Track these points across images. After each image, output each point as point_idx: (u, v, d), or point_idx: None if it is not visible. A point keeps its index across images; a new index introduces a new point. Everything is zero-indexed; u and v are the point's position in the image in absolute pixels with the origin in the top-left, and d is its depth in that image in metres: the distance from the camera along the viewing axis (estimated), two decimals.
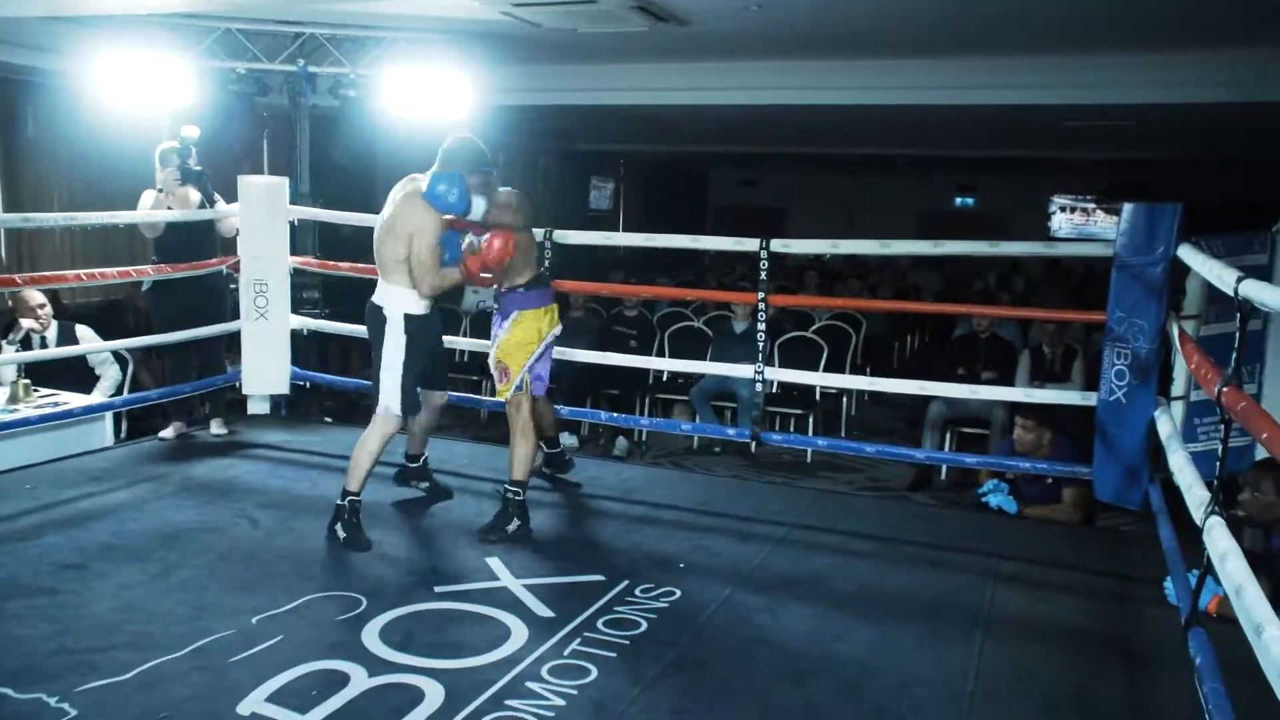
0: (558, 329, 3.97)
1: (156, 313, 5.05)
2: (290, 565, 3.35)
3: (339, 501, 3.61)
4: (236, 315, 5.13)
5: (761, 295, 4.49)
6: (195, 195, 4.95)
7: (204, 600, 3.04)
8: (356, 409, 6.94)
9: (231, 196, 5.07)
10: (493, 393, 6.84)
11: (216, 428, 5.05)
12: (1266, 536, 3.22)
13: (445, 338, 4.10)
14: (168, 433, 4.94)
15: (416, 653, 2.73)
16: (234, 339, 5.21)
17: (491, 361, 3.90)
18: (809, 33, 5.94)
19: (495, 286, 3.88)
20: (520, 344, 3.84)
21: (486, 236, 3.58)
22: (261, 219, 5.03)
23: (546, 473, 4.35)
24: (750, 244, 4.38)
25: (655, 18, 5.39)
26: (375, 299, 3.64)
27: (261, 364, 5.12)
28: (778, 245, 4.39)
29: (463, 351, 7.51)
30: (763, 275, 4.46)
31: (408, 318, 3.59)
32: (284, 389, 5.26)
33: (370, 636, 2.82)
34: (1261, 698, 1.74)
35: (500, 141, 11.88)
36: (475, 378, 7.35)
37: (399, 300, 3.59)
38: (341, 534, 3.56)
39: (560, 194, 14.40)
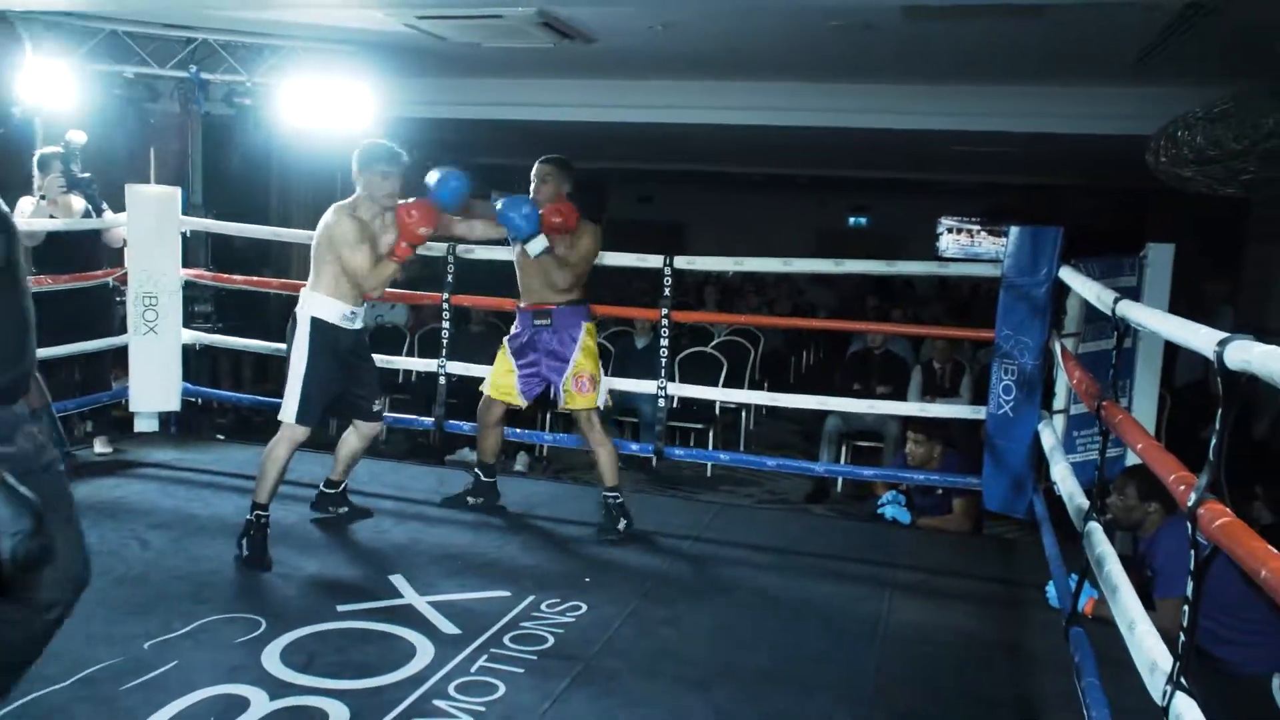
0: None
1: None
2: (185, 587, 3.23)
3: (249, 515, 3.51)
4: (123, 329, 4.93)
5: (664, 311, 4.55)
6: (79, 203, 4.75)
7: (90, 628, 2.89)
8: (250, 425, 6.74)
9: (115, 205, 4.88)
10: (393, 408, 6.75)
11: (101, 446, 4.83)
12: (1135, 540, 3.43)
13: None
14: None
15: (320, 674, 2.67)
16: (120, 354, 5.01)
17: (567, 375, 3.90)
18: (711, 54, 6.07)
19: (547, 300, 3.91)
20: (593, 353, 3.94)
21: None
22: (152, 230, 4.85)
23: (472, 502, 4.21)
24: (654, 260, 4.45)
25: (561, 34, 5.42)
26: (297, 306, 3.61)
27: (150, 380, 4.93)
28: (681, 262, 4.46)
29: None
30: (666, 291, 4.53)
31: (314, 322, 3.52)
32: (174, 405, 5.07)
33: (270, 659, 2.74)
34: (1134, 690, 1.86)
35: None
36: None
37: (311, 305, 3.54)
38: (245, 551, 3.46)
39: None
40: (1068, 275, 3.68)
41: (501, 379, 4.03)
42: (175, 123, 6.53)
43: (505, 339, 4.07)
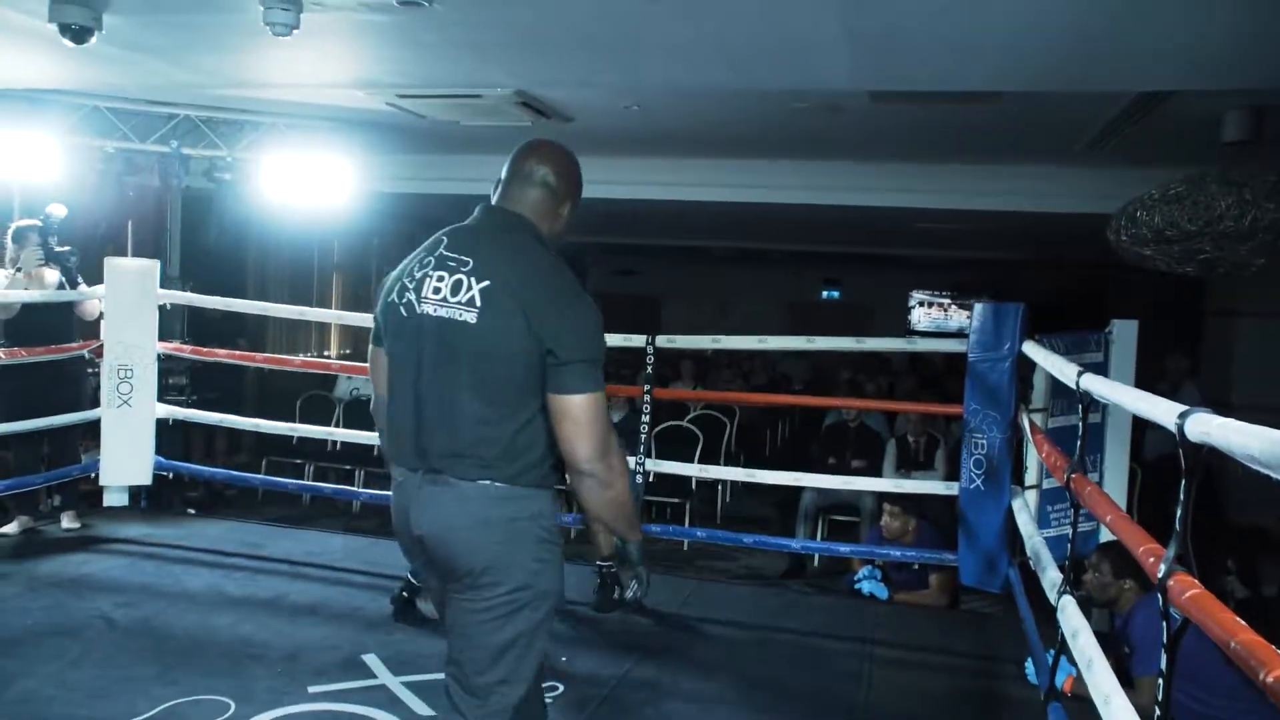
0: None
1: (2, 400, 4.75)
2: (151, 668, 3.15)
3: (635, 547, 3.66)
4: (95, 402, 4.89)
5: (646, 389, 4.58)
6: (53, 276, 4.76)
7: (48, 713, 2.82)
8: (223, 499, 6.65)
9: (92, 278, 4.88)
10: (366, 483, 6.70)
11: (68, 521, 4.75)
12: (1112, 617, 3.44)
13: (315, 427, 4.00)
14: (10, 528, 4.61)
15: None
16: (90, 426, 4.96)
17: None
18: (684, 133, 6.22)
19: None
20: None
21: None
22: (129, 302, 4.85)
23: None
24: (637, 339, 4.50)
25: (539, 114, 5.54)
26: None
27: (122, 453, 4.87)
28: (663, 341, 4.52)
29: (335, 441, 7.32)
30: (648, 369, 4.56)
31: None
32: (146, 479, 5.01)
33: None
34: None
35: (377, 228, 11.82)
36: (349, 467, 7.18)
37: None
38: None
39: None
40: (1031, 350, 3.75)
41: None
42: (153, 196, 6.57)
43: None
